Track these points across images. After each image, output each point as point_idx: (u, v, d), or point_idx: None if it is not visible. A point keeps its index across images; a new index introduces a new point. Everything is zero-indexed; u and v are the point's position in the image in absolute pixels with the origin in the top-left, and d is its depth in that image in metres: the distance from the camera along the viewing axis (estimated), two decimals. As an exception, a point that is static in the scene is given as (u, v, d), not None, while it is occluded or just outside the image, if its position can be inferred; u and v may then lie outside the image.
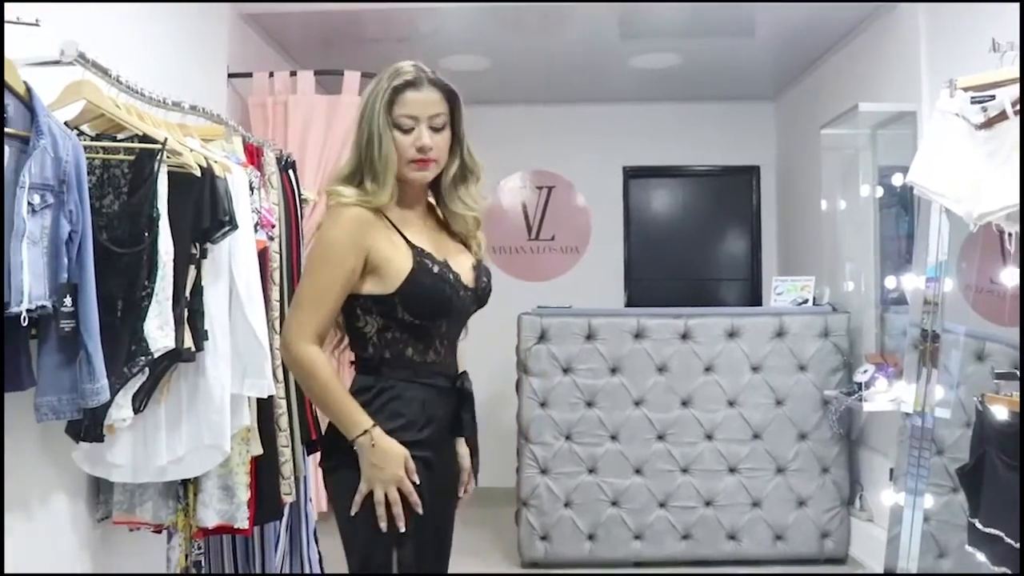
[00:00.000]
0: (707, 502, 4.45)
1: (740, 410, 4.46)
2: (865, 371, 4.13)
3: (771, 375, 4.46)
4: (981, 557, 2.72)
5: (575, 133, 6.25)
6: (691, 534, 4.44)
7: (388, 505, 1.92)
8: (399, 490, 1.92)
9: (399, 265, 1.96)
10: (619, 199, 6.32)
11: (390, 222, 2.00)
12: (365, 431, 1.91)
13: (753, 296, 6.22)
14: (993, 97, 2.46)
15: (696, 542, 4.44)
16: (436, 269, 2.00)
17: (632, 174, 6.35)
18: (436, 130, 2.00)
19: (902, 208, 4.30)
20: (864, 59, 4.56)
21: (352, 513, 1.95)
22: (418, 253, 1.99)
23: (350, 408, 1.95)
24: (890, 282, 4.21)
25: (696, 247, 6.39)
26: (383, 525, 1.92)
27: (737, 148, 6.24)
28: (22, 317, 1.88)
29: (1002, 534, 2.45)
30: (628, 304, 6.15)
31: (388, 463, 1.91)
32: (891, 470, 3.94)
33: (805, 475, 4.44)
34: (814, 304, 4.64)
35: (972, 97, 2.50)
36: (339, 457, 1.97)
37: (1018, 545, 2.35)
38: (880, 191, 4.36)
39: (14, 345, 2.00)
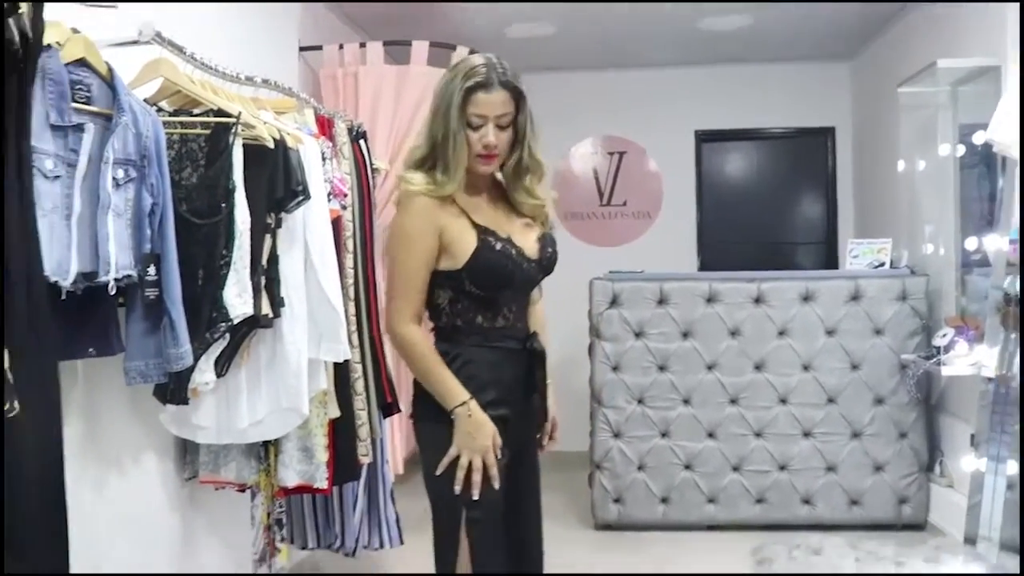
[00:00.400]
0: (781, 466, 4.42)
1: (815, 374, 4.41)
2: (944, 335, 4.04)
3: (846, 339, 4.39)
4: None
5: (646, 98, 6.20)
6: (765, 498, 4.43)
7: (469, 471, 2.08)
8: (483, 461, 2.08)
9: (466, 244, 2.12)
10: (691, 163, 6.27)
11: (457, 205, 2.15)
12: (463, 403, 2.09)
13: (829, 260, 6.12)
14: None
15: (770, 506, 4.43)
16: (499, 246, 2.14)
17: (704, 138, 6.28)
18: (501, 128, 2.12)
19: (985, 167, 4.18)
20: (944, 14, 4.42)
21: (438, 472, 2.12)
22: (482, 232, 2.14)
23: (450, 382, 2.12)
24: (971, 243, 4.10)
25: (770, 211, 6.30)
26: (457, 488, 2.08)
27: (811, 110, 6.13)
28: (110, 286, 1.98)
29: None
30: (701, 269, 6.11)
31: (480, 435, 2.09)
32: (972, 436, 3.87)
33: (882, 440, 4.38)
34: (891, 267, 4.55)
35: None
36: (434, 415, 2.13)
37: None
38: (961, 150, 4.24)
39: (104, 313, 2.12)
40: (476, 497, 2.08)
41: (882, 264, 4.57)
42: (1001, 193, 3.78)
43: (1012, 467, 3.53)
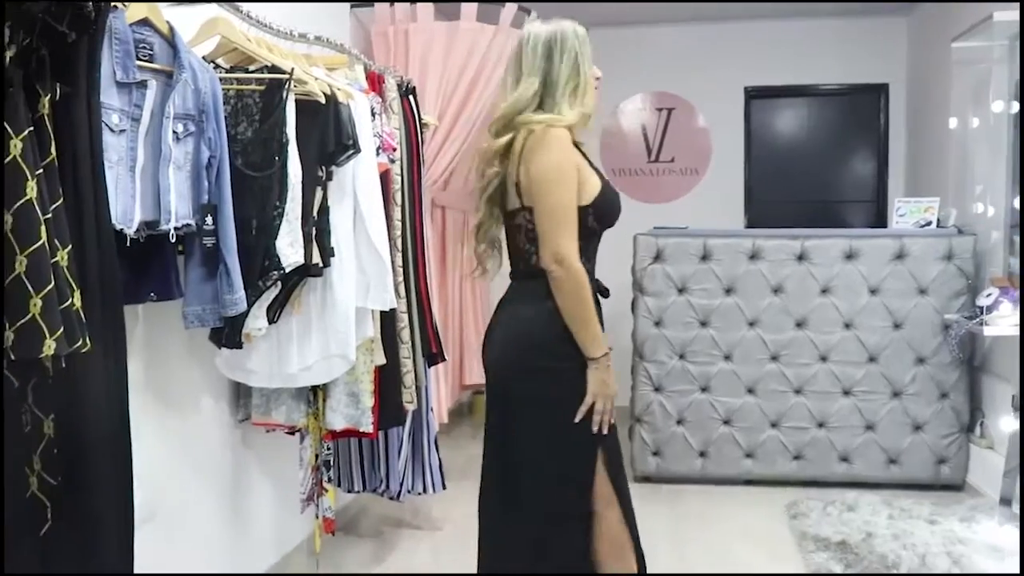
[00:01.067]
0: (820, 423, 4.47)
1: (856, 332, 4.44)
2: (989, 295, 4.03)
3: (889, 298, 4.40)
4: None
5: (695, 54, 6.17)
6: (803, 454, 4.49)
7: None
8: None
9: (594, 180, 2.29)
10: (740, 120, 6.24)
11: (575, 144, 2.31)
12: (606, 352, 2.23)
13: (879, 218, 6.07)
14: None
15: (807, 462, 4.49)
16: (612, 186, 2.36)
17: (754, 94, 6.24)
18: None
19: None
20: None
21: (577, 419, 2.22)
22: (598, 172, 2.32)
23: (598, 331, 2.24)
24: (1019, 203, 4.07)
25: (820, 169, 6.26)
26: (595, 428, 2.23)
27: (865, 66, 6.05)
28: (170, 234, 2.09)
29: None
30: (748, 226, 6.11)
31: (612, 383, 2.24)
32: (1013, 397, 3.88)
33: (922, 400, 4.41)
34: (938, 226, 4.53)
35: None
36: (568, 360, 2.22)
37: None
38: (1015, 107, 4.18)
39: (164, 259, 2.23)
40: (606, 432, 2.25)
41: (929, 223, 4.55)
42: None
43: (1051, 428, 3.55)
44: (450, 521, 3.99)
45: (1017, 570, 3.24)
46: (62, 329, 1.55)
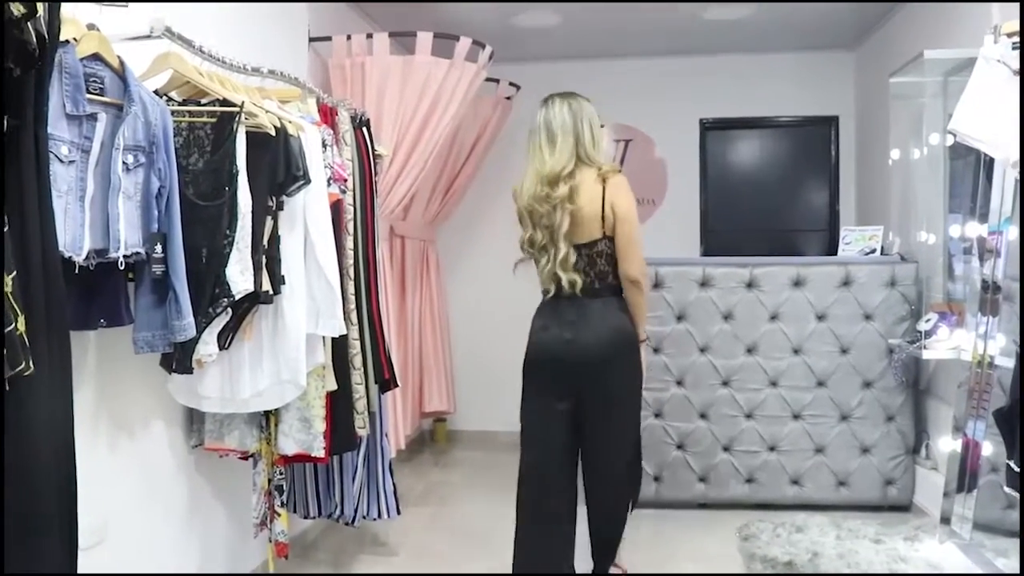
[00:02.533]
0: (771, 447, 4.57)
1: (805, 357, 4.55)
2: (928, 320, 4.17)
3: (836, 323, 4.52)
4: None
5: (651, 87, 6.32)
6: (755, 478, 4.58)
7: None
8: None
9: None
10: (696, 152, 6.36)
11: None
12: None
13: (832, 247, 6.18)
14: (1034, 44, 2.49)
15: (759, 486, 4.58)
16: None
17: (709, 126, 6.38)
18: None
19: (974, 157, 4.28)
20: (937, 8, 4.52)
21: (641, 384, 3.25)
22: None
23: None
24: (954, 231, 4.22)
25: (774, 198, 6.39)
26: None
27: (816, 99, 6.21)
28: (120, 262, 2.16)
29: (1034, 474, 2.53)
30: (705, 255, 6.23)
31: None
32: (955, 417, 4.00)
33: (869, 423, 4.52)
34: (882, 253, 4.67)
35: (1014, 43, 2.54)
36: (638, 346, 3.21)
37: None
38: (950, 139, 4.34)
39: (114, 286, 2.29)
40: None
41: (873, 251, 4.69)
42: (981, 182, 3.89)
43: (988, 448, 3.66)
44: (405, 547, 4.03)
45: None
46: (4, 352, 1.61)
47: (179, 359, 2.47)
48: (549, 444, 3.18)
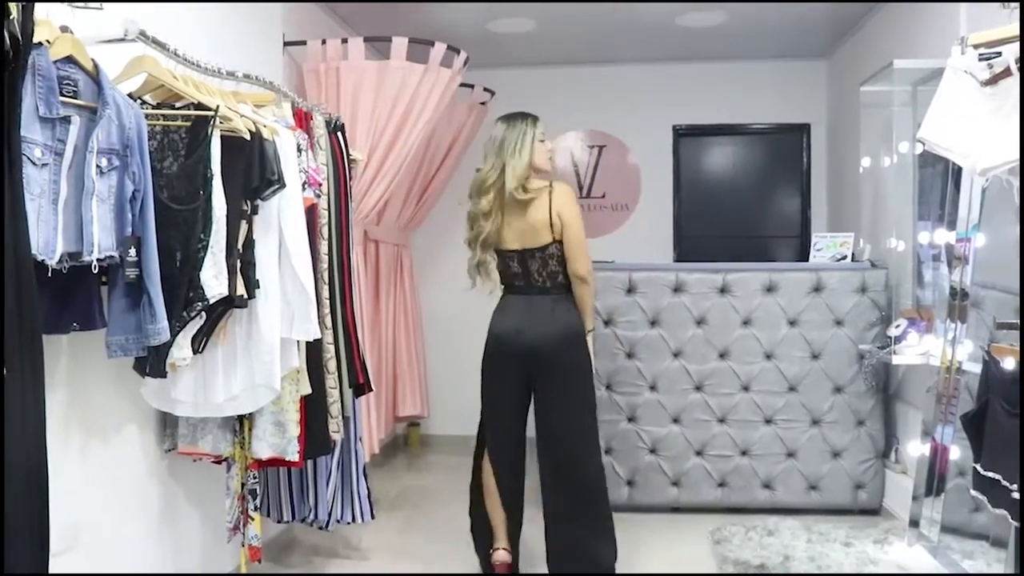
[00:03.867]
0: (743, 451, 4.61)
1: (776, 363, 4.59)
2: (898, 325, 4.22)
3: (808, 329, 4.57)
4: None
5: (625, 93, 6.36)
6: (727, 482, 4.61)
7: None
8: None
9: None
10: (669, 158, 6.43)
11: None
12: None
13: (803, 253, 6.24)
14: (1000, 54, 2.54)
15: (731, 490, 4.62)
16: None
17: (683, 133, 6.44)
18: None
19: (944, 165, 4.34)
20: (907, 16, 4.59)
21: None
22: None
23: None
24: (923, 238, 4.28)
25: (746, 205, 6.47)
26: None
27: (789, 106, 6.29)
28: (93, 265, 2.15)
29: (999, 477, 2.58)
30: (678, 260, 6.27)
31: None
32: (924, 422, 4.05)
33: (840, 427, 4.57)
34: (852, 260, 4.73)
35: (980, 54, 2.59)
36: (586, 338, 3.52)
37: (1013, 487, 2.48)
38: (920, 148, 4.40)
39: (87, 290, 2.28)
40: None
41: (844, 257, 4.75)
42: (949, 190, 3.95)
43: (955, 452, 3.72)
44: (379, 550, 4.03)
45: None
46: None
47: (153, 363, 2.46)
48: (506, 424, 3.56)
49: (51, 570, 1.97)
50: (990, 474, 2.64)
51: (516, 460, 3.59)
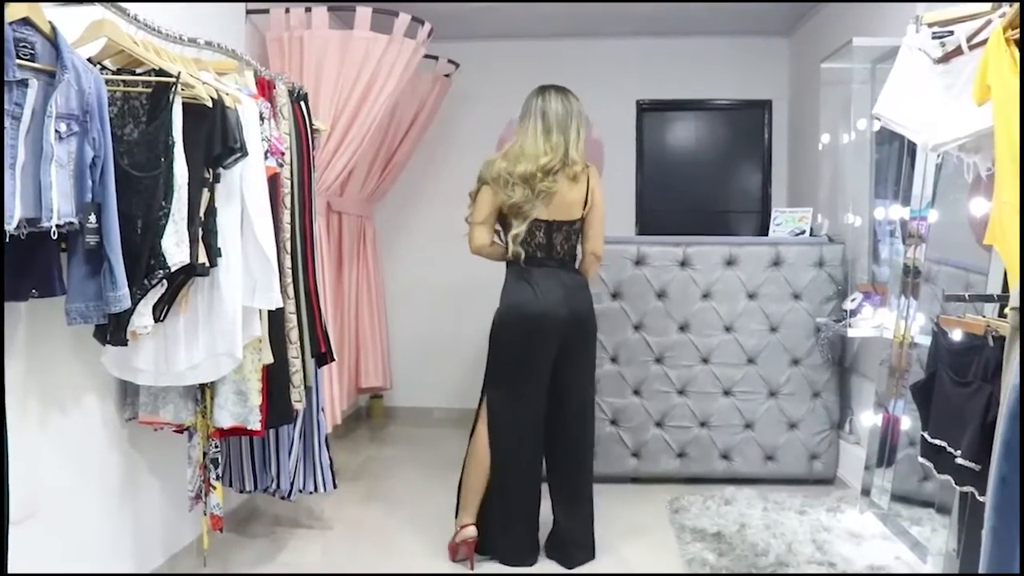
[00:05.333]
0: (702, 423, 4.68)
1: (736, 336, 4.66)
2: (854, 299, 4.31)
3: (766, 303, 4.65)
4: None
5: (588, 67, 6.35)
6: (686, 452, 4.69)
7: None
8: None
9: None
10: (632, 132, 6.45)
11: None
12: None
13: (763, 229, 6.30)
14: (952, 33, 2.59)
15: (690, 460, 4.69)
16: None
17: (646, 107, 6.47)
18: None
19: (900, 142, 4.42)
20: (869, -6, 4.64)
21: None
22: None
23: None
24: (879, 213, 4.36)
25: (708, 180, 6.52)
26: None
27: (751, 83, 6.33)
28: (52, 231, 2.13)
29: (945, 444, 2.65)
30: (639, 234, 6.32)
31: None
32: (877, 393, 4.15)
33: (796, 399, 4.66)
34: (811, 235, 4.80)
35: (934, 33, 2.64)
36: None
37: (957, 453, 2.55)
38: (877, 125, 4.47)
39: (46, 256, 2.27)
40: None
41: (802, 232, 4.82)
42: (905, 167, 4.03)
43: (906, 423, 3.81)
44: (341, 521, 4.05)
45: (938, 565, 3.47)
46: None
47: (113, 331, 2.45)
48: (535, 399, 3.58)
49: (10, 539, 1.97)
50: (936, 441, 2.71)
51: (537, 435, 3.58)
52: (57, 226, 2.13)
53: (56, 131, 2.13)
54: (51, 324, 2.46)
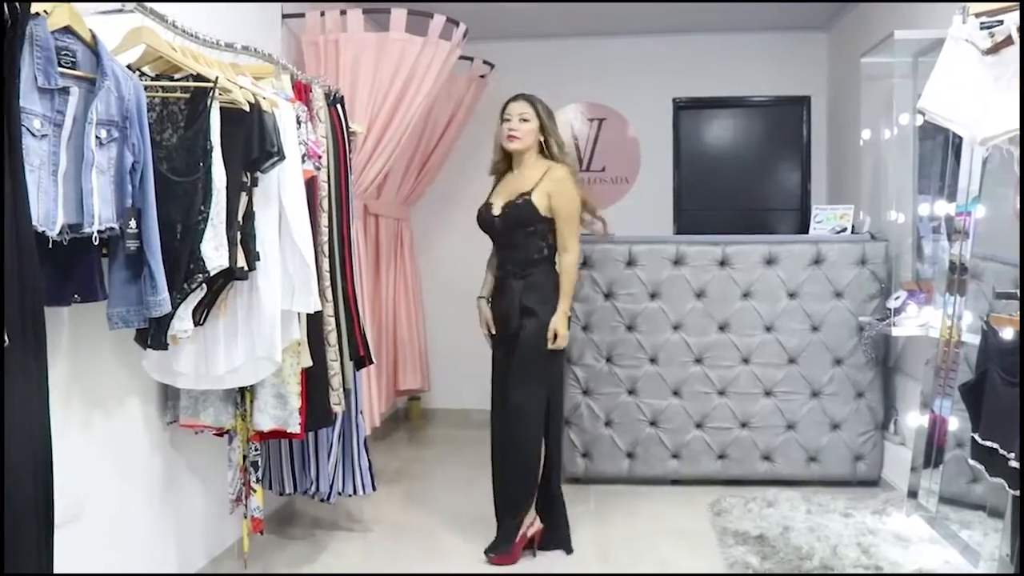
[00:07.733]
0: (742, 423, 4.62)
1: (776, 335, 4.60)
2: (898, 297, 4.23)
3: (807, 301, 4.58)
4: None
5: (625, 65, 6.33)
6: (726, 454, 4.63)
7: None
8: None
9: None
10: (669, 131, 6.40)
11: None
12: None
13: (803, 226, 6.23)
14: (1001, 22, 2.52)
15: (731, 462, 4.64)
16: (482, 205, 3.69)
17: (683, 105, 6.41)
18: (524, 121, 3.64)
19: (944, 137, 4.33)
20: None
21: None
22: (488, 197, 3.73)
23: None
24: (924, 210, 4.28)
25: (746, 177, 6.45)
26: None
27: (789, 79, 6.25)
28: (93, 237, 2.15)
29: (997, 446, 2.59)
30: (677, 233, 6.27)
31: None
32: (922, 393, 4.07)
33: (839, 399, 4.58)
34: (852, 232, 4.72)
35: (981, 23, 2.57)
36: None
37: (1011, 456, 2.49)
38: (920, 119, 4.38)
39: (88, 262, 2.28)
40: None
41: (844, 229, 4.75)
42: (950, 162, 3.94)
43: (954, 423, 3.73)
44: (381, 523, 4.05)
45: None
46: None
47: (154, 335, 2.46)
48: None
49: (56, 541, 1.99)
50: (988, 443, 2.65)
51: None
52: (98, 231, 2.15)
53: (97, 137, 2.15)
54: (93, 329, 2.48)
